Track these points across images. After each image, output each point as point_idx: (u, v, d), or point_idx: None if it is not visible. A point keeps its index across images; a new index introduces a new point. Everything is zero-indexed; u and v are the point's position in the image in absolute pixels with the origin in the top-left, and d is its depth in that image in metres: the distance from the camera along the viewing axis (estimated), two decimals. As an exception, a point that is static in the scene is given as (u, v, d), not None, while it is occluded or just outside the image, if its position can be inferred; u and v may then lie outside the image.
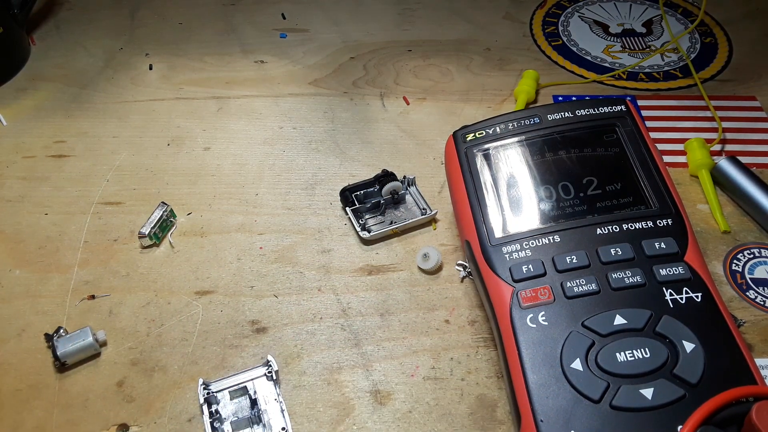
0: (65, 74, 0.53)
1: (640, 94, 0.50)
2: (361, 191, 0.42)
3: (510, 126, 0.35)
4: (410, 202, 0.42)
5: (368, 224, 0.40)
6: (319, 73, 0.53)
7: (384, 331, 0.35)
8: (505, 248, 0.31)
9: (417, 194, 0.42)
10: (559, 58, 0.54)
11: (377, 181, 0.42)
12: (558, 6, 0.60)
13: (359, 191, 0.42)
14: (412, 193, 0.42)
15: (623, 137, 0.34)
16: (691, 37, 0.56)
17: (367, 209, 0.41)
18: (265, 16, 0.59)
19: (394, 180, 0.41)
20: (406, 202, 0.42)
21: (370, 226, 0.40)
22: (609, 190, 0.32)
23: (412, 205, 0.42)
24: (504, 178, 0.33)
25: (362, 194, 0.42)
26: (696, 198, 0.42)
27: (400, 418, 0.32)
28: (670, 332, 0.27)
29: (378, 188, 0.41)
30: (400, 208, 0.42)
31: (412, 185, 0.42)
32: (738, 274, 0.38)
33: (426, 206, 0.41)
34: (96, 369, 0.34)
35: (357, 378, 0.33)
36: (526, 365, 0.27)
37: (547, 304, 0.29)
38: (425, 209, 0.41)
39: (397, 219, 0.41)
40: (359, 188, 0.42)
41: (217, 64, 0.54)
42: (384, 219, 0.41)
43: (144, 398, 0.33)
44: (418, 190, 0.42)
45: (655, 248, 0.30)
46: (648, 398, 0.25)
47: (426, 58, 0.54)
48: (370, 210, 0.41)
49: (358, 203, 0.41)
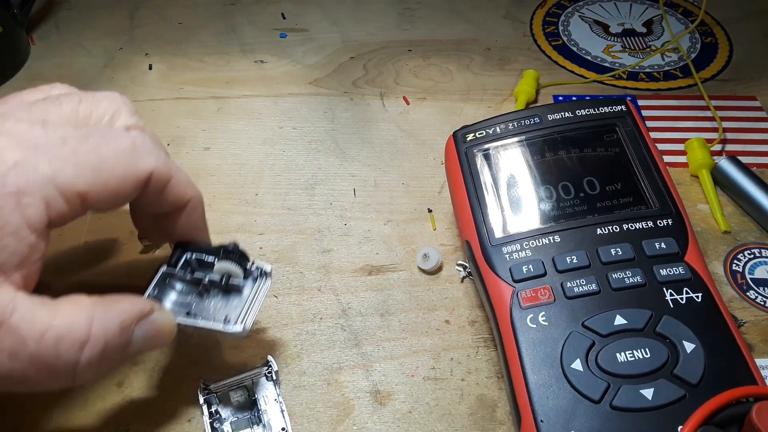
0: (65, 74, 0.53)
1: (641, 94, 0.50)
2: (203, 255, 0.30)
3: (510, 126, 0.35)
4: (244, 299, 0.29)
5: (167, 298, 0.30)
6: (319, 73, 0.53)
7: (384, 331, 0.35)
8: (505, 248, 0.31)
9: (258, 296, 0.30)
10: (560, 58, 0.54)
11: (222, 251, 0.30)
12: (558, 6, 0.60)
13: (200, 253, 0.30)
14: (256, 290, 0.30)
15: (623, 137, 0.34)
16: (692, 36, 0.56)
17: (187, 279, 0.30)
18: (265, 16, 0.59)
19: (240, 260, 0.30)
20: (241, 295, 0.30)
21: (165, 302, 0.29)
22: (609, 190, 0.32)
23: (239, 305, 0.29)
24: (504, 178, 0.33)
25: (195, 260, 0.30)
26: (696, 198, 0.42)
27: (400, 419, 0.32)
28: (671, 332, 0.27)
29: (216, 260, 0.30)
30: (229, 300, 0.30)
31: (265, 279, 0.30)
32: (738, 274, 0.38)
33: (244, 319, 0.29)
34: (96, 369, 0.34)
35: (357, 378, 0.33)
36: (526, 365, 0.27)
37: (548, 305, 0.29)
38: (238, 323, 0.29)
39: (204, 314, 0.29)
40: (203, 250, 0.31)
41: (217, 64, 0.54)
42: (192, 304, 0.30)
43: (144, 398, 0.33)
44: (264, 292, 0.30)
45: (655, 248, 0.30)
46: (648, 398, 0.25)
47: (426, 58, 0.54)
48: (187, 282, 0.30)
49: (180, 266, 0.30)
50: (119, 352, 0.26)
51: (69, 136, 0.25)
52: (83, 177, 0.25)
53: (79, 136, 0.26)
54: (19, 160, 0.24)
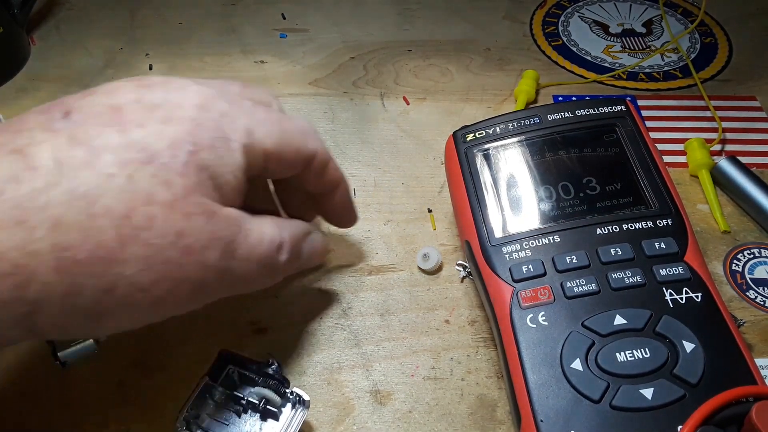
0: (65, 74, 0.53)
1: (640, 94, 0.50)
2: (245, 370, 0.30)
3: (510, 126, 0.35)
4: (279, 427, 0.29)
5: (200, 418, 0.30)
6: (319, 73, 0.53)
7: (384, 331, 0.35)
8: (505, 248, 0.31)
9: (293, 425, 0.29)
10: (559, 58, 0.54)
11: (263, 372, 0.30)
12: (558, 6, 0.60)
13: (243, 368, 0.31)
14: (291, 418, 0.29)
15: (623, 137, 0.34)
16: (691, 37, 0.56)
17: (225, 396, 0.30)
18: (265, 16, 0.59)
19: (278, 387, 0.30)
20: (278, 421, 0.29)
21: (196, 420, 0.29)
22: (609, 190, 0.32)
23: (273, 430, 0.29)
24: (504, 178, 0.33)
25: (237, 375, 0.31)
26: (696, 198, 0.42)
27: (400, 418, 0.32)
28: (670, 332, 0.27)
29: (258, 380, 0.30)
30: (265, 423, 0.30)
31: (300, 408, 0.30)
32: (738, 274, 0.38)
33: None
34: (96, 369, 0.34)
35: (357, 378, 0.33)
36: (526, 365, 0.27)
37: (547, 304, 0.29)
38: None
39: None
40: (245, 365, 0.31)
41: (217, 64, 0.54)
42: (229, 420, 0.30)
43: (144, 398, 0.33)
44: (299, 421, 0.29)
45: (655, 248, 0.30)
46: (648, 398, 0.25)
47: (426, 58, 0.54)
48: (225, 399, 0.30)
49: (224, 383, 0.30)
50: (294, 261, 0.30)
51: (257, 107, 0.29)
52: (270, 139, 0.28)
53: (265, 109, 0.29)
54: (225, 112, 0.27)
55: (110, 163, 0.23)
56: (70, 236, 0.22)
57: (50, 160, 0.22)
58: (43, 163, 0.22)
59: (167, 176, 0.24)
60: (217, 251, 0.26)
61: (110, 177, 0.23)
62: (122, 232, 0.23)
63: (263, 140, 0.28)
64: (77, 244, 0.22)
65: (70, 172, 0.22)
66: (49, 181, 0.22)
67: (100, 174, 0.23)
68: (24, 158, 0.22)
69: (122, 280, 0.23)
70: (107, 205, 0.22)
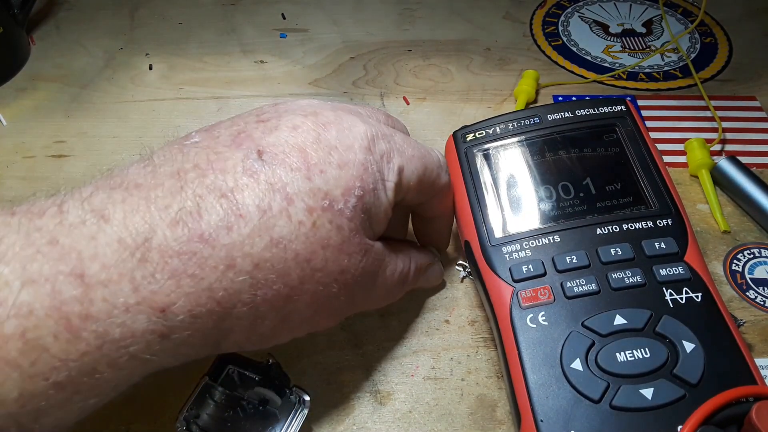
0: (65, 74, 0.53)
1: (640, 94, 0.50)
2: (245, 370, 0.30)
3: (510, 126, 0.35)
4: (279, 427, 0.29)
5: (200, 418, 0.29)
6: (319, 73, 0.53)
7: (384, 331, 0.35)
8: (505, 248, 0.31)
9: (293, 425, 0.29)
10: (559, 58, 0.54)
11: (263, 372, 0.30)
12: (558, 6, 0.60)
13: (243, 368, 0.30)
14: (292, 418, 0.29)
15: (623, 137, 0.34)
16: (691, 37, 0.56)
17: (225, 396, 0.30)
18: (265, 16, 0.59)
19: (279, 386, 0.30)
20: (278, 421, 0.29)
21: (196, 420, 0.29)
22: (609, 190, 0.32)
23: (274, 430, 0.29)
24: (504, 178, 0.33)
25: (237, 375, 0.30)
26: (696, 198, 0.42)
27: (400, 418, 0.32)
28: (670, 332, 0.27)
29: (258, 380, 0.30)
30: (266, 422, 0.30)
31: (301, 408, 0.30)
32: (738, 274, 0.38)
33: None
34: (96, 369, 0.34)
35: (357, 378, 0.33)
36: (526, 365, 0.27)
37: (547, 304, 0.29)
38: None
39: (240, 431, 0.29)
40: (245, 365, 0.31)
41: (217, 64, 0.54)
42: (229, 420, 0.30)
43: (144, 398, 0.33)
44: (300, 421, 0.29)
45: (655, 248, 0.30)
46: (648, 398, 0.25)
47: (426, 58, 0.54)
48: (225, 399, 0.30)
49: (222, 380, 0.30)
50: (411, 288, 0.34)
51: (404, 140, 0.31)
52: (415, 174, 0.30)
53: (408, 141, 0.31)
54: (384, 152, 0.29)
55: (301, 211, 0.26)
56: (265, 277, 0.25)
57: (255, 208, 0.25)
58: (249, 211, 0.25)
59: (340, 221, 0.27)
60: (364, 285, 0.29)
61: (300, 224, 0.26)
62: (303, 273, 0.26)
63: (410, 177, 0.30)
64: (269, 284, 0.25)
65: (270, 221, 0.25)
66: (254, 229, 0.25)
67: (293, 222, 0.25)
68: (233, 206, 0.25)
69: (295, 313, 0.27)
70: (296, 250, 0.25)
